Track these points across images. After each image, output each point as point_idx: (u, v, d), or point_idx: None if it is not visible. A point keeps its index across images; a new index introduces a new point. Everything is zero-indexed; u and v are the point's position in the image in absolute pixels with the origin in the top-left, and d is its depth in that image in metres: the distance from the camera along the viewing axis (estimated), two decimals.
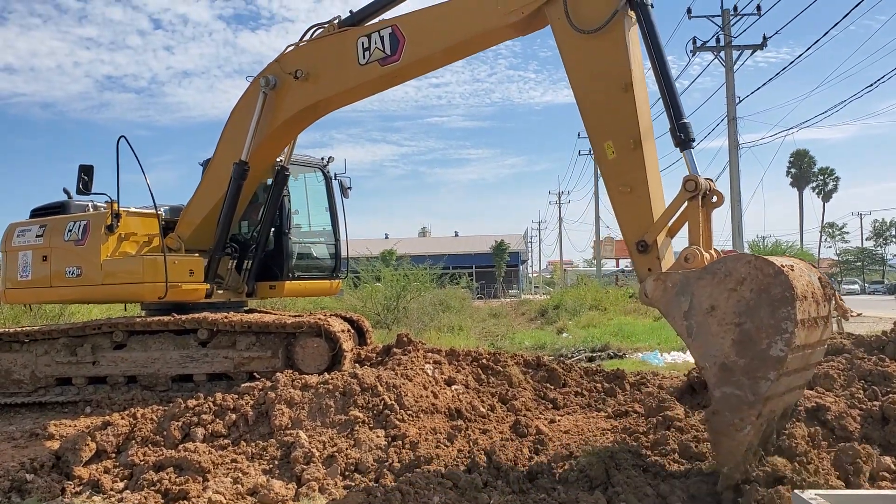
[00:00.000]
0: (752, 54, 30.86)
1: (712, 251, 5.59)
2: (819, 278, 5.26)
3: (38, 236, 10.31)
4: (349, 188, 11.78)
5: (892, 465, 5.49)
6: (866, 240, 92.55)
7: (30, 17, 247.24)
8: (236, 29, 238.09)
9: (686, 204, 5.61)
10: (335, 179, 11.76)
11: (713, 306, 4.97)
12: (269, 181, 10.73)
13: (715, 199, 5.76)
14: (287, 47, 9.34)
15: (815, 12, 64.38)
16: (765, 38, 29.75)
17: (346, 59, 8.50)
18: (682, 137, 5.86)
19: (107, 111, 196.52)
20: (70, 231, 9.98)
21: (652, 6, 6.16)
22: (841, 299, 5.49)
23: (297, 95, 9.14)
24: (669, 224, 5.76)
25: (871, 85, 36.67)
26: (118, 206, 9.67)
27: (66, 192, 10.60)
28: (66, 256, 9.94)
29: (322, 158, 11.83)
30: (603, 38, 6.13)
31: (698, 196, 5.57)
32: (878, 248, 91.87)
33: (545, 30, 7.06)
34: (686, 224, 5.69)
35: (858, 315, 6.51)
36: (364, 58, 8.30)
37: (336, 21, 8.92)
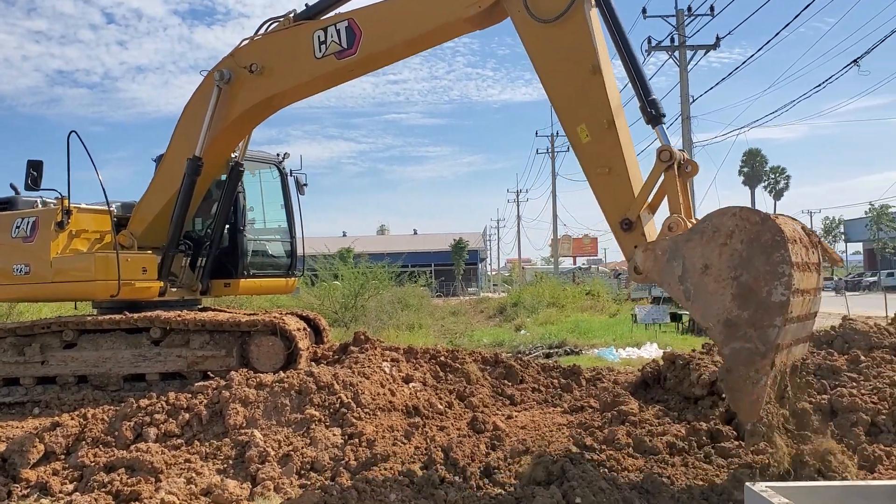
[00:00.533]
0: (705, 54, 31.36)
1: (693, 220, 5.59)
2: (802, 227, 5.26)
3: None
4: (305, 185, 11.68)
5: None
6: None
7: None
8: (192, 24, 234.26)
9: (663, 175, 5.66)
10: (291, 176, 11.64)
11: (707, 265, 4.94)
12: (224, 177, 10.59)
13: (689, 168, 5.80)
14: (242, 41, 9.24)
15: (767, 14, 65.77)
16: (718, 39, 30.22)
17: (301, 53, 8.43)
18: (653, 113, 5.93)
19: (58, 106, 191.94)
20: (18, 227, 9.75)
21: None
22: (828, 246, 5.45)
23: (251, 89, 9.04)
24: (650, 200, 5.79)
25: (819, 85, 37.78)
26: (69, 203, 9.47)
27: (13, 187, 10.39)
28: (13, 253, 9.71)
29: (277, 154, 11.70)
30: (565, 25, 6.18)
31: (674, 165, 5.64)
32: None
33: (503, 27, 7.11)
34: (666, 197, 5.73)
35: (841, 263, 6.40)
36: (320, 51, 8.24)
37: (292, 15, 8.85)
